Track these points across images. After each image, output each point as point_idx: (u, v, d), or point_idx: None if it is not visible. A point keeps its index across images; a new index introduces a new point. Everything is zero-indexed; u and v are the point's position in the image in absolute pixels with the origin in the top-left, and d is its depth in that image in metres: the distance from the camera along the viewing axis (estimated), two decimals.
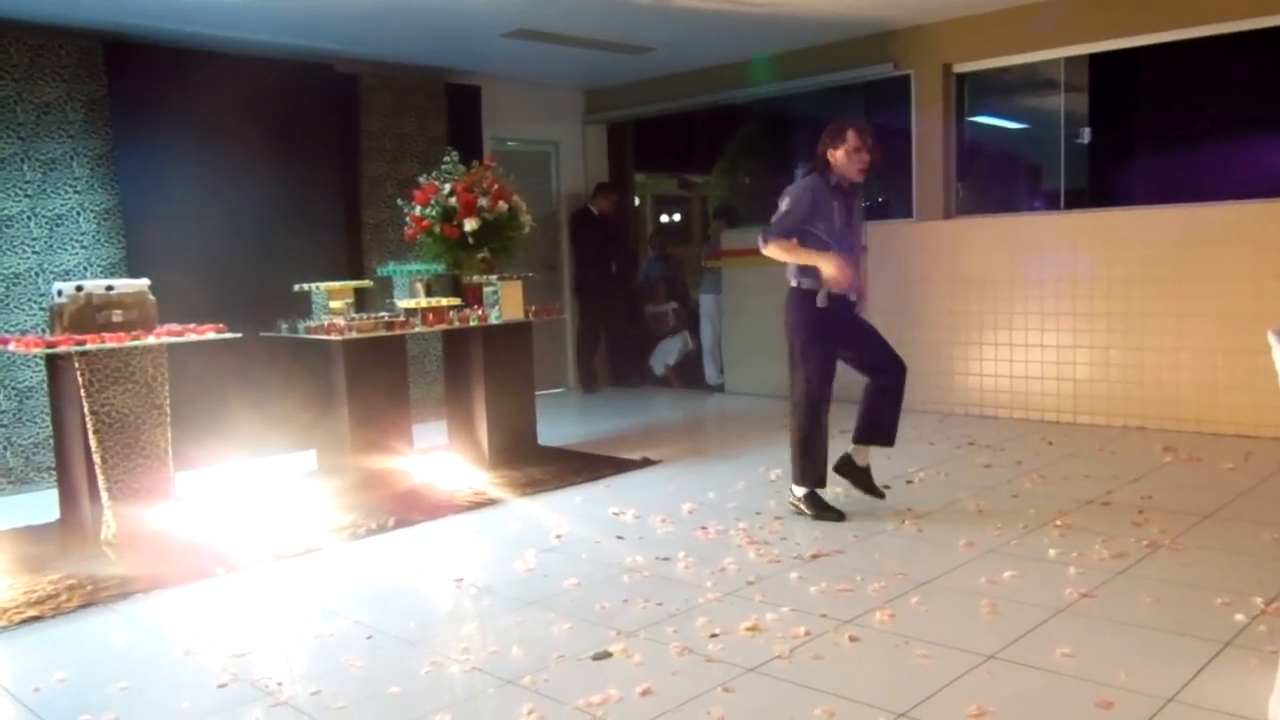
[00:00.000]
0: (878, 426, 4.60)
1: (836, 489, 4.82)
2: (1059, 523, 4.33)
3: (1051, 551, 3.93)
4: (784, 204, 4.41)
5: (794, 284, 4.52)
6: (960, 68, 7.24)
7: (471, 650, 3.17)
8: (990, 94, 7.59)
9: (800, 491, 4.59)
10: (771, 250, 4.39)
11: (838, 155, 4.41)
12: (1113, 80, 6.93)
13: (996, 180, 7.97)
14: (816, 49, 7.71)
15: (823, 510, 4.54)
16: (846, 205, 4.48)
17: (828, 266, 4.30)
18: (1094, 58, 6.81)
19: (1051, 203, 7.13)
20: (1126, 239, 6.38)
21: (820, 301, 4.41)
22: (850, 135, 4.38)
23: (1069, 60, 6.88)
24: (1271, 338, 2.42)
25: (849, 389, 4.80)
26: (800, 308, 4.48)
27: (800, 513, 4.60)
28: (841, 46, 7.58)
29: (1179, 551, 3.89)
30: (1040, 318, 6.76)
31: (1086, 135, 7.00)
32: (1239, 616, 3.16)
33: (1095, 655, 2.93)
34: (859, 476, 4.70)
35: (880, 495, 4.70)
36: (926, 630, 3.18)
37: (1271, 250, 5.83)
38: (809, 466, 4.55)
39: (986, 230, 6.99)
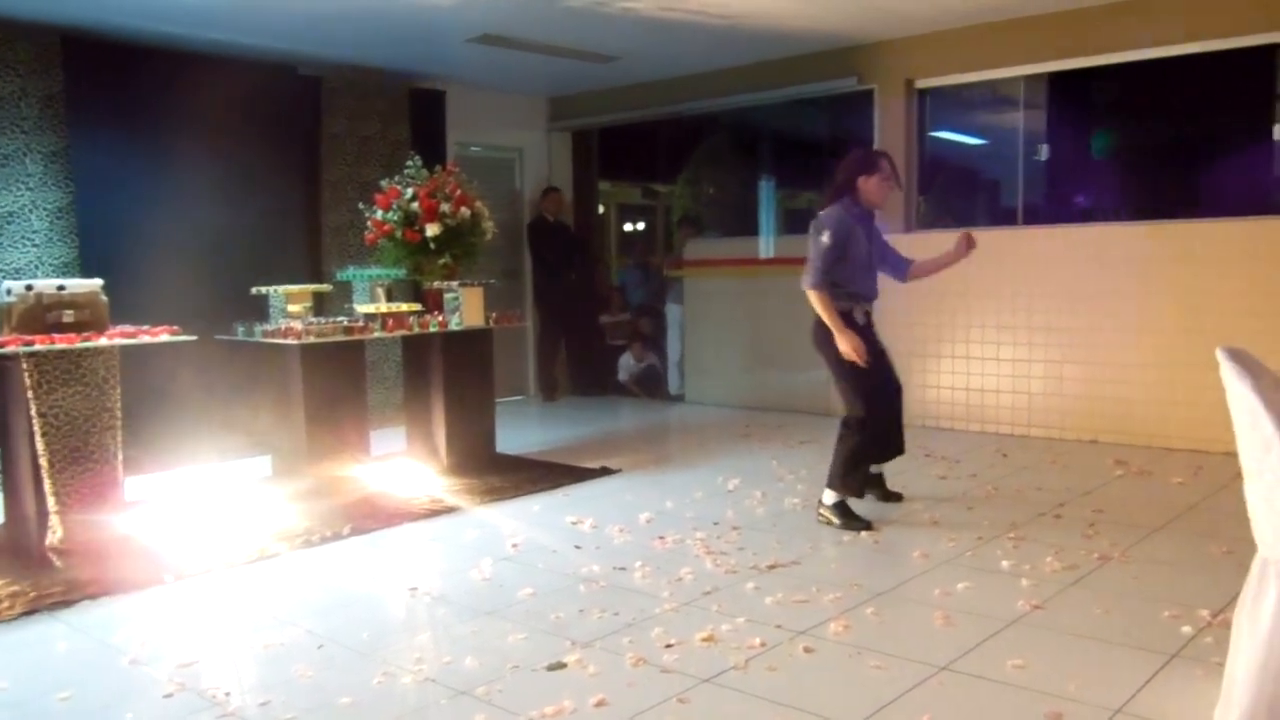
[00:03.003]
0: (894, 441, 4.86)
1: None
2: (1012, 534, 4.37)
3: (1004, 563, 3.97)
4: (825, 238, 4.45)
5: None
6: (922, 83, 7.31)
7: (425, 660, 3.13)
8: (952, 110, 7.67)
9: (831, 500, 4.60)
10: (814, 298, 4.47)
11: (870, 183, 4.53)
12: (1071, 98, 7.04)
13: (956, 195, 8.06)
14: (781, 62, 7.76)
15: (851, 520, 4.55)
16: (868, 232, 4.60)
17: (844, 341, 4.42)
18: (1053, 76, 6.91)
19: (1010, 218, 7.22)
20: (1082, 255, 6.47)
21: (859, 319, 4.56)
22: (884, 164, 4.54)
23: (1028, 78, 6.98)
24: (1220, 355, 2.45)
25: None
26: (829, 335, 4.53)
27: (828, 523, 4.58)
28: (806, 60, 7.64)
29: (1129, 564, 3.94)
30: (996, 331, 6.84)
31: (1045, 152, 7.10)
32: (1186, 628, 3.21)
33: (1046, 666, 2.95)
34: (876, 485, 4.94)
35: (899, 498, 4.96)
36: (880, 641, 3.19)
37: (1223, 268, 5.94)
38: (853, 479, 4.57)
39: (945, 244, 7.02)
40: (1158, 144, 7.03)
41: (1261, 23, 5.83)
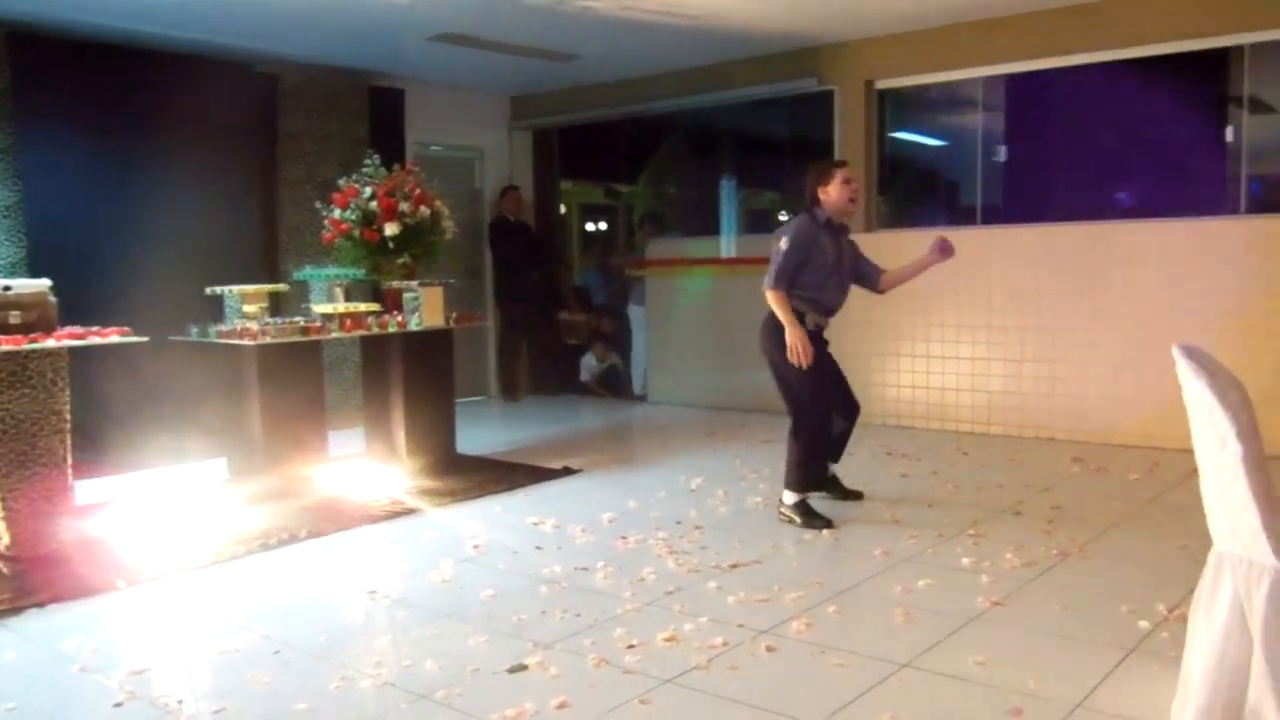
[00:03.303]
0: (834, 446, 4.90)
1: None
2: (972, 531, 4.39)
3: (965, 560, 3.99)
4: (783, 244, 4.53)
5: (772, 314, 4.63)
6: (882, 84, 7.35)
7: (384, 664, 3.09)
8: (911, 111, 7.73)
9: (791, 500, 4.62)
10: (771, 298, 4.54)
11: (830, 191, 4.60)
12: (1029, 100, 7.12)
13: (916, 195, 8.12)
14: (741, 62, 7.77)
15: (812, 518, 4.57)
16: (836, 241, 4.64)
17: (792, 334, 4.46)
18: (1011, 78, 6.98)
19: (969, 218, 7.28)
20: (1039, 255, 6.54)
21: (809, 325, 4.58)
22: (835, 171, 4.61)
23: (987, 80, 7.04)
24: (1176, 352, 2.47)
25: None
26: (778, 337, 4.55)
27: (790, 521, 4.60)
28: (766, 60, 7.65)
29: (1087, 559, 3.98)
30: (956, 330, 6.89)
31: (1003, 153, 7.16)
32: (1143, 623, 3.24)
33: (1006, 663, 2.97)
34: (833, 486, 4.96)
35: (859, 496, 4.98)
36: (842, 639, 3.19)
37: (1176, 268, 6.02)
38: (804, 475, 4.61)
39: (905, 244, 7.07)
40: (1112, 145, 7.12)
41: (1214, 27, 5.92)
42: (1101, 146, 7.12)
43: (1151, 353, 6.03)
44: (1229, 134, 6.14)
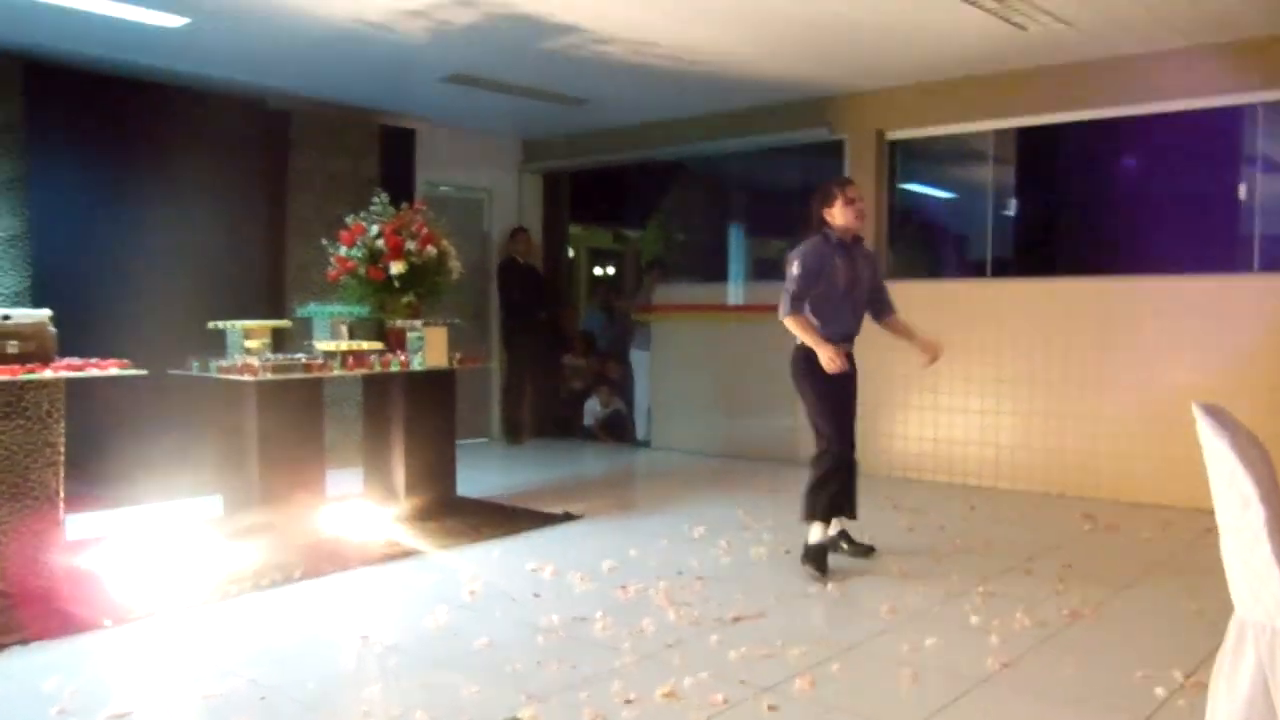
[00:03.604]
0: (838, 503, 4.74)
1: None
2: (981, 589, 4.29)
3: (974, 619, 3.88)
4: (794, 268, 4.53)
5: (799, 342, 4.62)
6: (893, 135, 7.35)
7: (372, 713, 2.99)
8: (922, 162, 7.72)
9: (815, 540, 4.56)
10: (789, 324, 4.53)
11: (834, 212, 4.60)
12: (1039, 154, 7.10)
13: (926, 247, 8.09)
14: (753, 110, 7.78)
15: (815, 562, 4.51)
16: (849, 262, 4.62)
17: (825, 354, 4.42)
18: (1021, 131, 6.97)
19: (979, 271, 7.24)
20: (1049, 308, 6.48)
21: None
22: (836, 190, 4.60)
23: (997, 133, 7.03)
24: (1196, 410, 2.40)
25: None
26: (806, 368, 4.57)
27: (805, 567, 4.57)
28: (778, 109, 7.66)
29: (1099, 621, 3.87)
30: (965, 383, 6.81)
31: (1013, 206, 7.14)
32: (1159, 690, 3.13)
33: None
34: (845, 540, 4.86)
35: (870, 551, 4.85)
36: (847, 700, 3.09)
37: (1188, 324, 5.96)
38: (818, 501, 4.58)
39: (915, 294, 7.03)
40: (1123, 199, 7.09)
41: (1225, 86, 5.91)
42: (1113, 201, 7.09)
43: (1162, 409, 5.95)
44: (1242, 191, 6.10)
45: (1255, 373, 5.69)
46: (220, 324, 5.44)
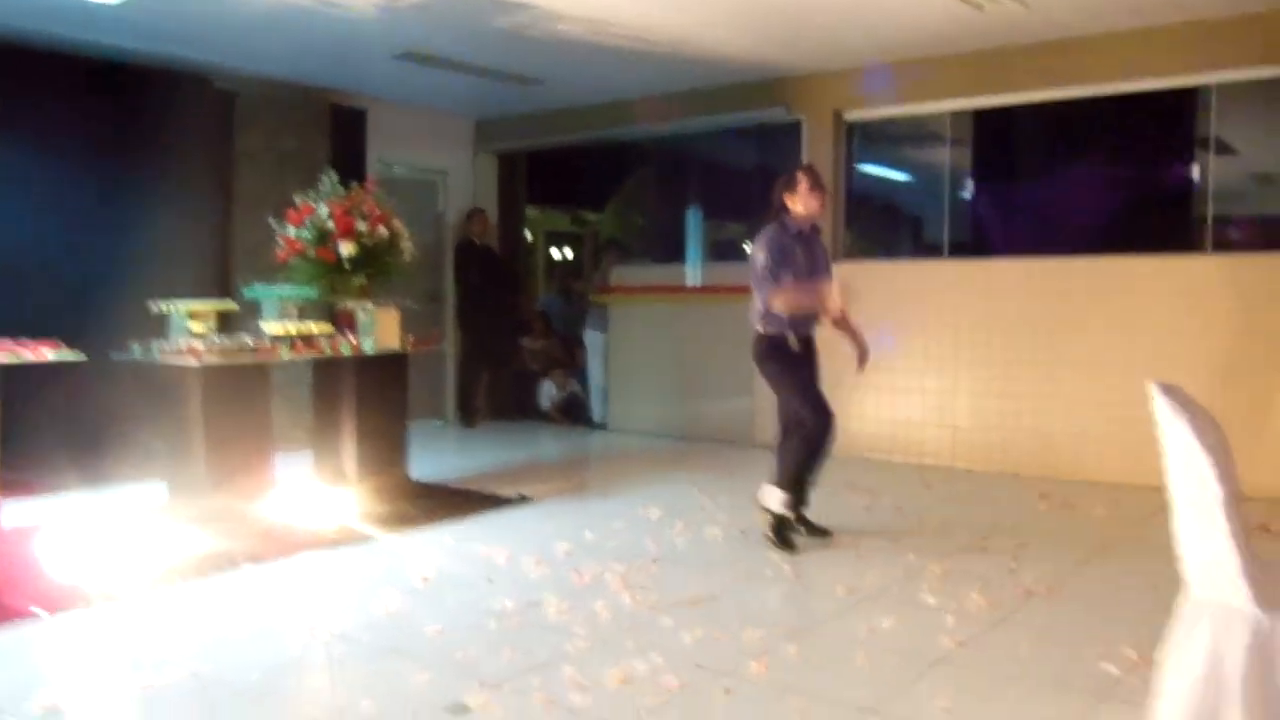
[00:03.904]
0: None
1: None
2: (937, 569, 4.28)
3: (930, 599, 3.86)
4: (762, 256, 4.54)
5: (760, 330, 4.62)
6: (850, 116, 7.32)
7: (317, 703, 2.91)
8: (879, 144, 7.70)
9: (775, 509, 4.57)
10: (780, 305, 4.50)
11: (796, 199, 4.58)
12: (996, 135, 7.10)
13: (882, 228, 8.08)
14: (711, 90, 7.71)
15: (781, 540, 4.56)
16: (808, 249, 4.62)
17: (807, 301, 4.46)
18: (978, 113, 6.96)
19: (935, 252, 7.24)
20: (1006, 288, 6.49)
21: (793, 347, 4.57)
22: (800, 176, 4.60)
23: (954, 115, 7.01)
24: (1154, 390, 2.38)
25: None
26: (771, 353, 4.60)
27: (764, 514, 4.61)
28: (736, 89, 7.59)
29: (1053, 600, 3.87)
30: (923, 362, 6.81)
31: (970, 188, 7.14)
32: (1112, 668, 3.13)
33: (973, 710, 2.84)
34: (802, 523, 4.79)
35: (827, 534, 4.78)
36: (803, 681, 3.05)
37: (1142, 304, 6.00)
38: (797, 484, 4.61)
39: (872, 275, 7.04)
40: (1080, 181, 7.12)
41: (1181, 66, 5.93)
42: (1069, 182, 7.11)
43: (1116, 388, 5.99)
44: (1194, 173, 6.14)
45: (1210, 353, 5.74)
46: (163, 305, 5.28)
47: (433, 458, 6.90)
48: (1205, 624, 2.34)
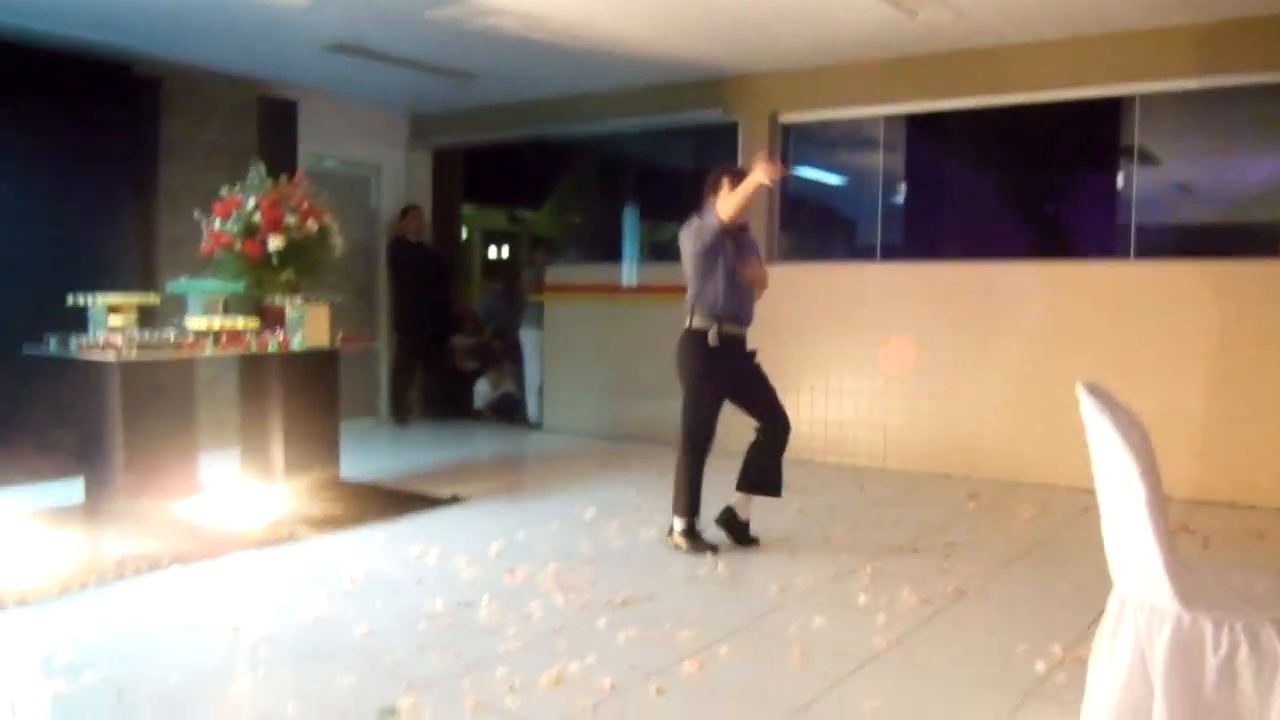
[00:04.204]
0: (760, 475, 4.66)
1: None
2: (869, 568, 4.31)
3: (861, 598, 3.90)
4: (692, 245, 4.52)
5: (686, 324, 4.58)
6: (786, 118, 7.36)
7: (240, 709, 2.83)
8: (814, 147, 7.76)
9: (680, 526, 4.57)
10: (725, 207, 4.39)
11: (719, 201, 4.53)
12: (928, 141, 7.21)
13: (816, 231, 8.15)
14: (647, 89, 7.70)
15: (698, 544, 4.55)
16: (737, 243, 4.59)
17: (758, 171, 4.29)
18: (911, 119, 7.06)
19: (868, 255, 7.32)
20: (935, 292, 6.59)
21: (711, 341, 4.49)
22: (725, 180, 4.54)
23: (888, 120, 7.10)
24: (1080, 390, 2.42)
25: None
26: (692, 349, 4.55)
27: (678, 548, 4.57)
28: (672, 89, 7.59)
29: (983, 598, 3.93)
30: (855, 364, 6.88)
31: (902, 191, 7.23)
32: (1039, 665, 3.18)
33: (904, 708, 2.87)
34: (736, 529, 4.73)
35: (755, 542, 4.72)
36: (735, 681, 3.05)
37: (1066, 309, 6.13)
38: (690, 500, 4.57)
39: (806, 277, 7.10)
40: (1009, 187, 7.26)
41: (1109, 76, 6.07)
42: (997, 189, 7.24)
43: (1042, 391, 6.11)
44: (1119, 181, 6.29)
45: (1133, 356, 5.88)
46: (81, 298, 5.11)
47: (364, 457, 6.78)
48: (1130, 621, 2.38)
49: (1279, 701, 2.15)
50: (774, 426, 4.66)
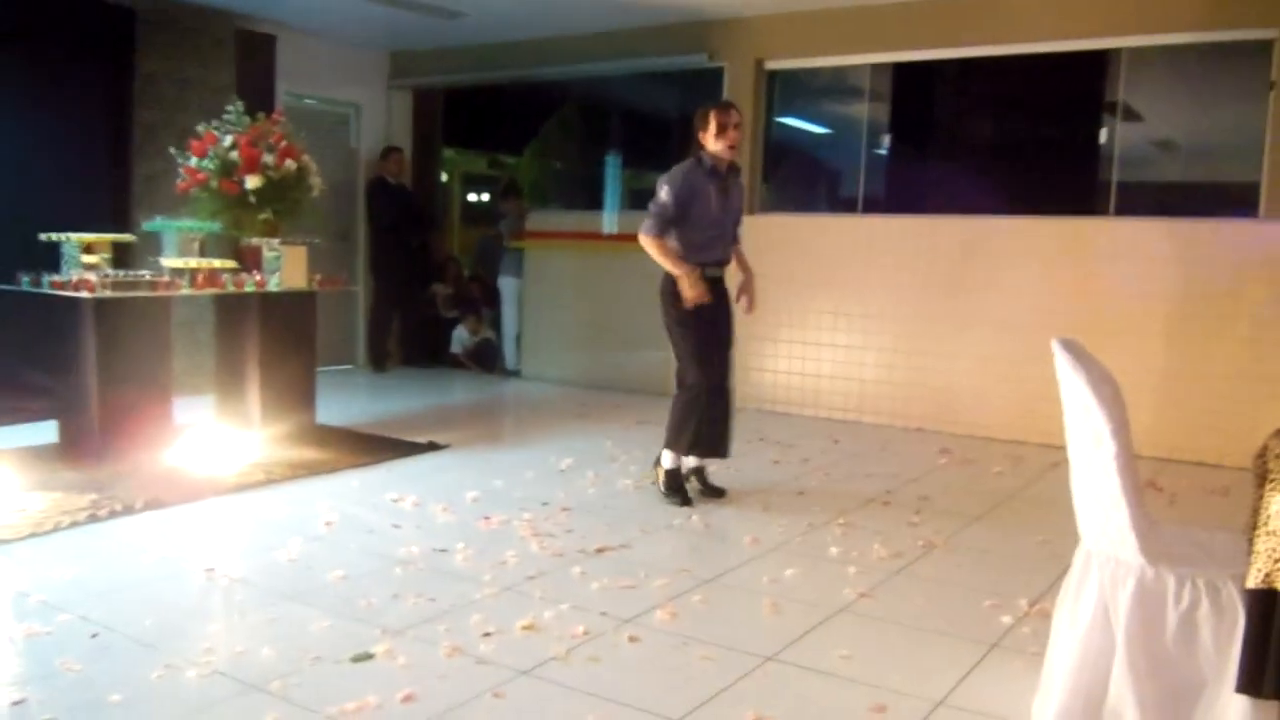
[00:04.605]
0: (706, 439, 4.58)
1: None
2: (841, 521, 4.37)
3: (833, 550, 3.95)
4: (662, 193, 4.43)
5: (667, 273, 4.53)
6: (772, 64, 7.29)
7: (215, 651, 2.84)
8: (800, 96, 7.70)
9: (667, 463, 4.57)
10: (645, 243, 4.44)
11: (709, 137, 4.49)
12: (914, 92, 7.16)
13: (800, 181, 8.12)
14: (632, 31, 7.60)
15: (675, 493, 4.56)
16: (722, 189, 4.53)
17: (685, 284, 4.36)
18: (898, 69, 7.01)
19: (850, 206, 7.30)
20: (915, 246, 6.59)
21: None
22: (712, 115, 4.47)
23: (874, 69, 7.05)
24: (1055, 345, 2.44)
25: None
26: (674, 294, 4.47)
27: (654, 482, 4.66)
28: (657, 32, 7.50)
29: (952, 552, 3.99)
30: (833, 317, 6.90)
31: (887, 143, 7.20)
32: (1005, 618, 3.24)
33: (871, 657, 2.92)
34: (699, 479, 4.76)
35: (721, 493, 4.73)
36: (707, 630, 3.09)
37: (1046, 265, 6.15)
38: (682, 439, 4.53)
39: (787, 228, 7.09)
40: (992, 141, 7.24)
41: (1095, 29, 6.04)
42: (982, 142, 7.22)
43: (1018, 347, 6.16)
44: (1102, 137, 6.29)
45: (1111, 314, 5.92)
46: (54, 236, 5.04)
47: (341, 403, 6.78)
48: (1095, 574, 2.43)
49: (1236, 654, 2.20)
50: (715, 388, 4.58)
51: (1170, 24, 5.85)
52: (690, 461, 4.69)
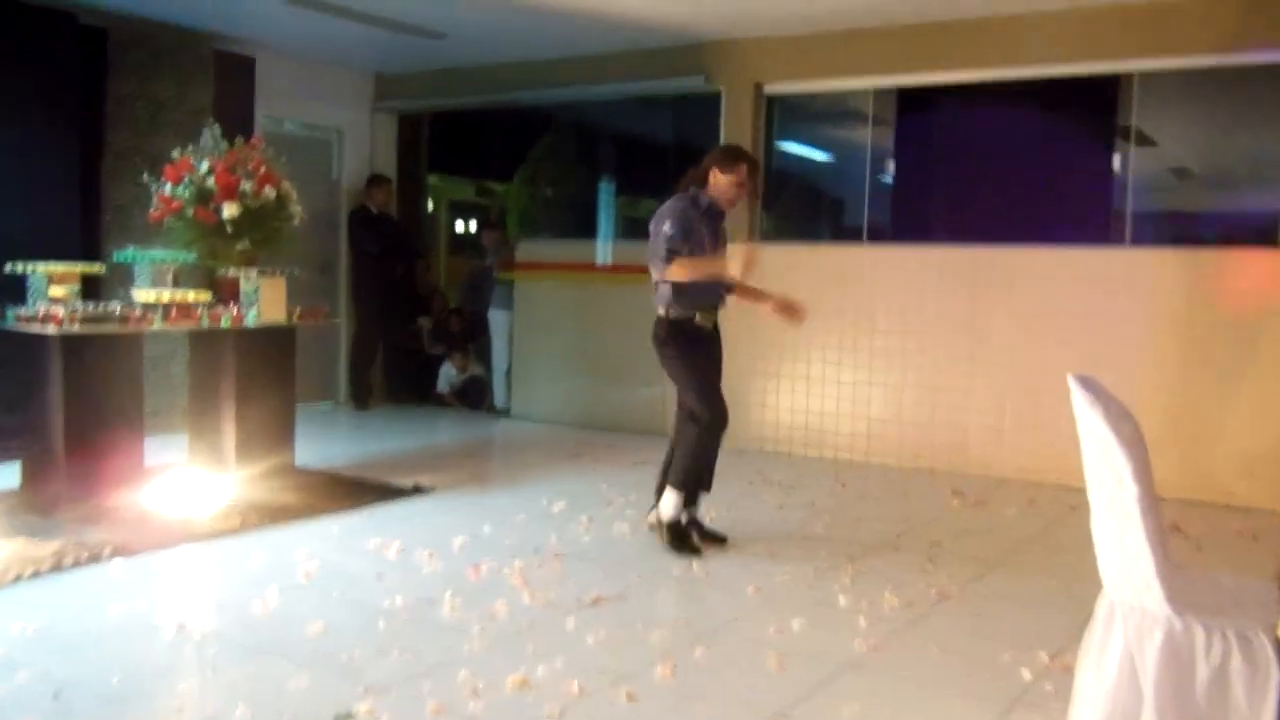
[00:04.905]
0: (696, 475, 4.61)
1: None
2: (849, 568, 4.34)
3: (841, 599, 3.92)
4: (668, 226, 4.45)
5: (662, 313, 4.55)
6: (771, 88, 7.35)
7: (185, 711, 2.81)
8: (800, 121, 7.75)
9: (668, 515, 4.52)
10: (675, 273, 4.43)
11: (721, 179, 4.52)
12: (919, 117, 7.21)
13: (801, 209, 8.16)
14: (627, 54, 7.66)
15: (681, 543, 4.51)
16: (713, 229, 4.58)
17: (733, 266, 4.45)
18: (902, 94, 7.06)
19: (854, 236, 7.33)
20: (924, 277, 6.60)
21: (704, 325, 4.54)
22: (743, 168, 4.52)
23: (878, 94, 7.10)
24: (1071, 382, 2.44)
25: None
26: (675, 337, 4.52)
27: (654, 528, 4.59)
28: (652, 54, 7.56)
29: (967, 601, 3.97)
30: (838, 352, 6.90)
31: (891, 170, 7.24)
32: (1025, 672, 3.22)
33: (883, 717, 2.89)
34: (702, 530, 4.71)
35: (722, 541, 4.68)
36: (709, 687, 3.07)
37: (1060, 296, 6.16)
38: (692, 479, 4.54)
39: (789, 258, 7.08)
40: (1001, 168, 7.28)
41: (1109, 51, 6.10)
42: (990, 169, 7.27)
43: (1031, 383, 6.16)
44: (1116, 164, 6.33)
45: (1127, 348, 5.93)
46: (20, 266, 5.04)
47: (322, 443, 6.76)
48: (1120, 626, 2.41)
49: (1271, 710, 2.19)
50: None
51: (1184, 47, 5.91)
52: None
